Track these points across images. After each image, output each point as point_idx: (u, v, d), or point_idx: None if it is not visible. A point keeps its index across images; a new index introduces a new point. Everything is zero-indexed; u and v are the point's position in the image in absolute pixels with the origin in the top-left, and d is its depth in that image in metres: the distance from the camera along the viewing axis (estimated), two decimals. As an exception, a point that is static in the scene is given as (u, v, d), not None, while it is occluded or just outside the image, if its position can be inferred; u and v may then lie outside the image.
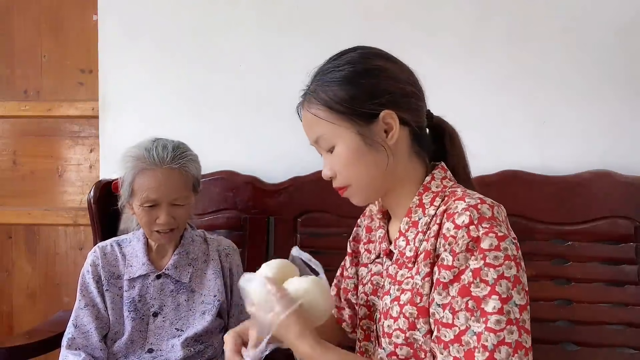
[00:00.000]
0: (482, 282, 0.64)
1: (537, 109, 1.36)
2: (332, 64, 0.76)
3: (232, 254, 1.18)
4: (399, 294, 0.72)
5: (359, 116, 0.72)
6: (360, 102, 0.72)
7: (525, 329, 0.64)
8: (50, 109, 1.67)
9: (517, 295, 0.64)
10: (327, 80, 0.74)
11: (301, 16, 1.44)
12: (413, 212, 0.74)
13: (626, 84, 1.34)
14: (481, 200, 0.68)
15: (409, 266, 0.72)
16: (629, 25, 1.33)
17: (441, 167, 0.77)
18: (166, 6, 1.50)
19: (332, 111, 0.73)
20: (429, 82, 1.52)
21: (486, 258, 0.64)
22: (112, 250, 1.13)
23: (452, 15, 1.39)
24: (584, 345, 1.23)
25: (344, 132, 0.73)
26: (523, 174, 1.29)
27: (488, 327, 0.62)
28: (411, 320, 0.70)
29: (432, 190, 0.74)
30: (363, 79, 0.73)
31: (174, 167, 1.04)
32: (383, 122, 0.73)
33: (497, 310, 0.62)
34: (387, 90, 0.73)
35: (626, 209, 1.23)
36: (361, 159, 0.73)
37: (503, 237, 0.65)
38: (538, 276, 1.26)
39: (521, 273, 0.66)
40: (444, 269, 0.66)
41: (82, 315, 1.08)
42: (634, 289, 1.22)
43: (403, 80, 0.75)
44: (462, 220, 0.66)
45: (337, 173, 0.76)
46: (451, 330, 0.65)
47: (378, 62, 0.75)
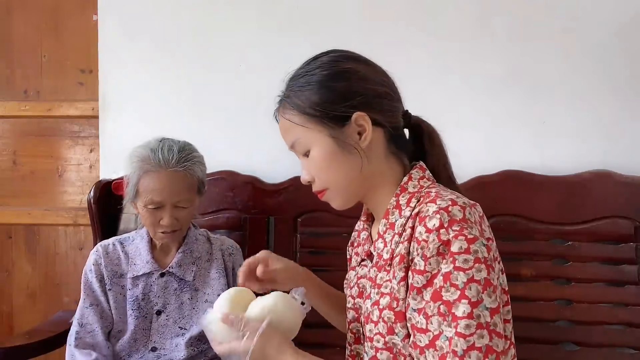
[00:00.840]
0: (452, 287, 0.63)
1: (537, 109, 1.36)
2: (305, 68, 0.76)
3: (235, 254, 1.18)
4: (378, 298, 0.72)
5: (332, 119, 0.73)
6: (332, 105, 0.72)
7: (497, 333, 0.63)
8: (50, 109, 1.67)
9: (487, 299, 0.63)
10: (300, 85, 0.75)
11: (301, 16, 1.44)
12: (390, 214, 0.74)
13: (626, 84, 1.34)
14: (452, 202, 0.67)
15: (386, 269, 0.72)
16: (629, 26, 1.33)
17: (419, 166, 0.77)
18: (166, 6, 1.49)
19: (306, 116, 0.74)
20: (428, 83, 1.52)
21: (456, 262, 0.63)
22: (115, 248, 1.13)
23: (452, 15, 1.39)
24: (584, 346, 1.23)
25: (317, 136, 0.74)
26: (523, 174, 1.29)
27: (458, 332, 0.62)
28: (389, 324, 0.70)
29: (409, 190, 0.74)
30: (334, 82, 0.73)
31: (179, 169, 1.04)
32: (356, 124, 0.73)
33: (466, 314, 0.62)
34: (358, 92, 0.73)
35: (626, 209, 1.23)
36: (336, 162, 0.74)
37: (473, 239, 0.64)
38: (538, 276, 1.26)
39: (493, 275, 0.64)
40: (417, 274, 0.66)
41: (87, 314, 1.08)
42: (634, 289, 1.22)
43: (375, 82, 0.75)
44: (432, 223, 0.65)
45: (314, 177, 0.77)
46: (425, 336, 0.65)
47: (349, 65, 0.75)
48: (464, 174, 1.31)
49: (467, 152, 1.37)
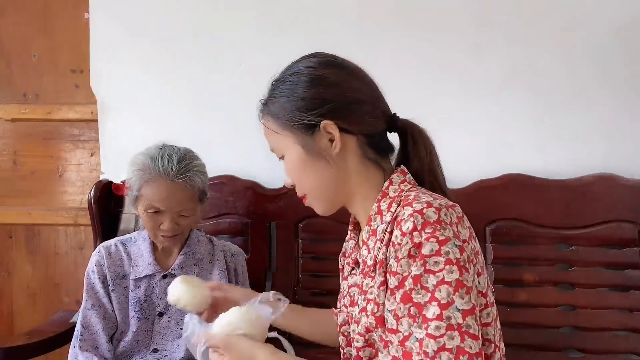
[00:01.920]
0: (423, 289, 0.63)
1: (538, 112, 1.36)
2: (282, 75, 0.77)
3: (237, 254, 1.18)
4: (365, 304, 0.72)
5: (301, 127, 0.73)
6: (301, 113, 0.73)
7: (471, 334, 0.62)
8: (49, 112, 1.66)
9: (459, 300, 0.62)
10: (276, 92, 0.76)
11: (301, 17, 1.43)
12: (372, 220, 0.74)
13: (628, 86, 1.33)
14: (428, 204, 0.66)
15: (371, 275, 0.72)
16: (629, 26, 1.32)
17: (400, 170, 0.76)
18: (161, 4, 1.47)
19: (279, 123, 0.75)
20: (428, 85, 1.51)
21: (426, 264, 0.63)
22: (117, 249, 1.13)
23: (451, 16, 1.38)
24: (588, 352, 1.22)
25: (289, 143, 0.75)
26: (525, 178, 1.28)
27: (428, 333, 0.62)
28: (371, 329, 0.71)
29: (390, 195, 0.74)
30: (304, 90, 0.73)
31: (179, 180, 1.03)
32: (325, 132, 0.73)
33: (436, 316, 0.62)
34: (327, 100, 0.73)
35: (630, 212, 1.23)
36: (306, 169, 0.75)
37: (445, 240, 0.64)
38: (541, 281, 1.25)
39: (466, 276, 0.63)
40: (392, 276, 0.67)
41: (90, 316, 1.08)
42: (638, 294, 1.21)
43: (348, 89, 0.74)
44: (407, 226, 0.65)
45: (294, 182, 0.78)
46: (396, 336, 0.66)
47: (321, 72, 0.74)
48: (465, 178, 1.30)
49: (468, 156, 1.37)
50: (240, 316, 0.75)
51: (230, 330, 0.73)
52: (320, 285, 1.35)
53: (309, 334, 0.95)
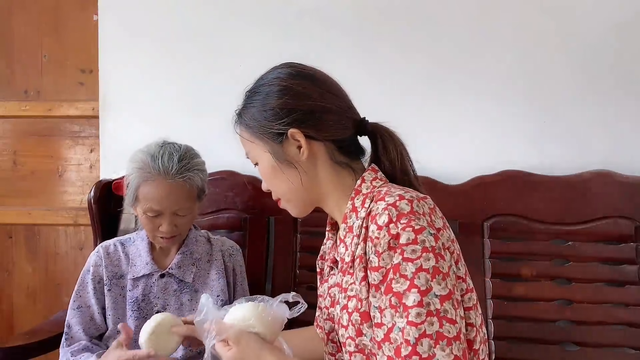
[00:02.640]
0: (402, 277, 0.65)
1: (537, 109, 1.36)
2: (253, 86, 0.82)
3: (235, 254, 1.18)
4: (346, 302, 0.73)
5: (270, 136, 0.77)
6: (269, 122, 0.76)
7: (448, 319, 0.64)
8: (50, 109, 1.67)
9: (437, 286, 0.64)
10: (248, 102, 0.81)
11: (300, 17, 1.44)
12: (348, 217, 0.76)
13: (626, 83, 1.34)
14: (400, 197, 0.69)
15: (350, 272, 0.73)
16: (629, 25, 1.33)
17: (371, 169, 0.79)
18: (166, 6, 1.50)
19: (250, 132, 0.79)
20: (428, 84, 1.52)
21: (404, 253, 0.65)
22: (115, 249, 1.13)
23: (451, 16, 1.39)
24: (584, 346, 1.23)
25: (260, 151, 0.79)
26: (523, 174, 1.29)
27: (409, 321, 0.63)
28: (357, 326, 0.71)
29: (363, 192, 0.76)
30: (272, 101, 0.77)
31: (179, 180, 1.03)
32: (293, 140, 0.76)
33: (416, 303, 0.63)
34: (292, 110, 0.76)
35: (627, 209, 1.23)
36: (278, 175, 0.78)
37: (420, 229, 0.66)
38: (538, 276, 1.26)
39: (442, 263, 0.66)
40: (373, 271, 0.68)
41: (72, 315, 1.09)
42: (634, 289, 1.22)
43: (313, 98, 0.76)
44: (382, 220, 0.67)
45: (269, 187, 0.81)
46: (381, 330, 0.67)
47: (286, 83, 0.77)
48: (464, 174, 1.31)
49: (467, 153, 1.38)
50: (256, 314, 0.76)
51: (245, 326, 0.74)
52: (318, 280, 1.36)
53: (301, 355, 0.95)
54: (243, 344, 0.73)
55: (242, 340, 0.73)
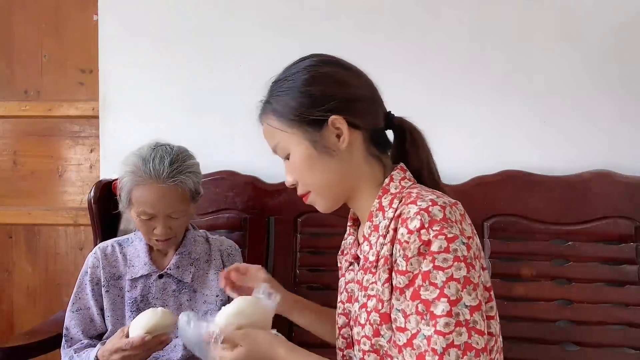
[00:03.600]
0: (431, 285, 0.64)
1: (537, 109, 1.36)
2: (285, 74, 0.78)
3: (234, 254, 1.18)
4: (365, 300, 0.73)
5: (309, 124, 0.74)
6: (309, 109, 0.74)
7: (477, 330, 0.63)
8: (50, 109, 1.67)
9: (467, 297, 0.63)
10: (279, 90, 0.77)
11: (300, 16, 1.44)
12: (374, 216, 0.75)
13: (626, 83, 1.34)
14: (432, 202, 0.67)
15: (372, 271, 0.73)
16: (629, 26, 1.33)
17: (400, 168, 0.78)
18: (166, 6, 1.50)
19: (285, 120, 0.75)
20: (428, 83, 1.52)
21: (435, 261, 0.64)
22: (113, 250, 1.13)
23: (451, 16, 1.39)
24: (584, 346, 1.23)
25: (296, 140, 0.75)
26: (523, 174, 1.29)
27: (437, 330, 0.62)
28: (375, 327, 0.71)
29: (391, 192, 0.75)
30: (310, 87, 0.74)
31: (170, 183, 1.02)
32: (333, 127, 0.74)
33: (446, 312, 0.62)
34: (334, 96, 0.74)
35: (627, 209, 1.23)
36: (315, 165, 0.75)
37: (453, 238, 0.65)
38: (538, 276, 1.26)
39: (472, 273, 0.65)
40: (400, 275, 0.67)
41: (71, 319, 1.09)
42: (634, 289, 1.22)
43: (352, 86, 0.76)
44: (414, 225, 0.66)
45: (297, 180, 0.78)
46: (404, 334, 0.66)
47: (325, 69, 0.76)
48: (464, 174, 1.31)
49: (467, 152, 1.38)
50: (251, 307, 0.76)
51: (244, 322, 0.73)
52: (318, 279, 1.36)
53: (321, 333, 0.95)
54: (252, 338, 0.72)
55: (251, 335, 0.72)
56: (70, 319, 1.09)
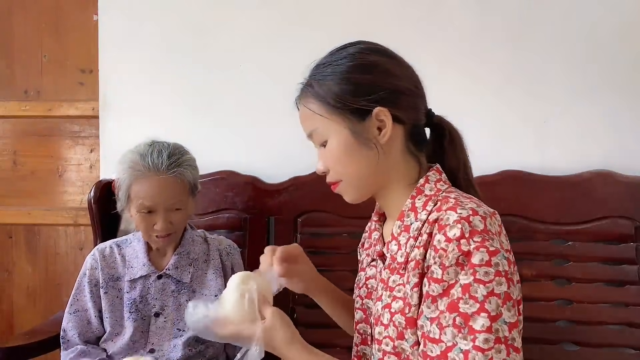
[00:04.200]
0: (472, 299, 0.62)
1: (537, 108, 1.36)
2: (330, 58, 0.75)
3: (232, 253, 1.18)
4: (390, 301, 0.71)
5: (352, 112, 0.72)
6: (353, 98, 0.71)
7: (515, 347, 0.62)
8: (50, 109, 1.67)
9: (507, 313, 0.62)
10: (323, 74, 0.74)
11: (301, 16, 1.44)
12: (405, 216, 0.73)
13: (626, 83, 1.34)
14: (473, 212, 0.65)
15: (400, 272, 0.71)
16: (630, 26, 1.33)
17: (436, 169, 0.76)
18: (166, 6, 1.49)
19: (326, 106, 0.73)
20: (429, 82, 1.52)
21: (476, 274, 0.62)
22: (112, 252, 1.13)
23: (452, 15, 1.39)
24: (584, 345, 1.23)
25: (336, 128, 0.73)
26: (523, 174, 1.29)
27: (476, 345, 0.61)
28: (400, 329, 0.69)
29: (426, 193, 0.73)
30: (357, 75, 0.72)
31: (169, 175, 1.03)
32: (376, 119, 0.72)
33: (485, 328, 0.61)
34: (380, 87, 0.72)
35: (626, 209, 1.23)
36: (352, 155, 0.73)
37: (495, 252, 0.63)
38: (538, 276, 1.26)
39: (512, 289, 0.63)
40: (434, 282, 0.65)
41: (68, 320, 1.09)
42: (634, 289, 1.22)
43: (399, 77, 0.74)
44: (453, 233, 0.64)
45: (329, 168, 0.76)
46: (438, 346, 0.64)
47: (373, 58, 0.74)
48: (464, 174, 1.31)
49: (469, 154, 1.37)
50: (262, 282, 0.76)
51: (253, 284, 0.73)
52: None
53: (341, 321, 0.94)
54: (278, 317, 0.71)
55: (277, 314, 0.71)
56: (67, 320, 1.09)
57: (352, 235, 1.31)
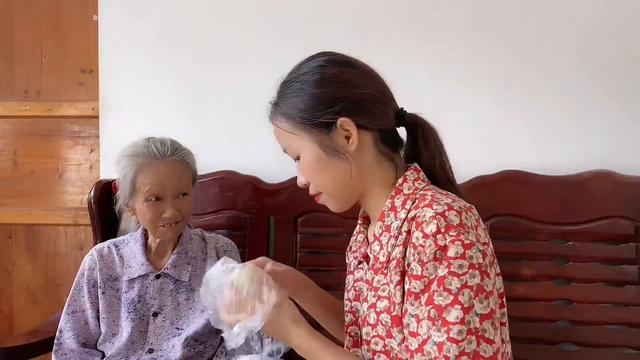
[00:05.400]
0: (445, 291, 0.63)
1: (537, 109, 1.36)
2: (292, 75, 0.77)
3: (230, 250, 1.18)
4: (375, 301, 0.72)
5: (318, 126, 0.73)
6: (316, 112, 0.73)
7: (486, 338, 0.63)
8: (50, 109, 1.67)
9: (478, 305, 0.63)
10: (287, 92, 0.76)
11: (300, 17, 1.44)
12: (386, 216, 0.74)
13: (626, 83, 1.34)
14: (448, 207, 0.67)
15: (383, 272, 0.72)
16: (630, 25, 1.33)
17: (414, 168, 0.77)
18: (166, 6, 1.50)
19: (293, 122, 0.75)
20: (428, 82, 1.52)
21: (451, 266, 0.64)
22: (109, 252, 1.13)
23: (451, 15, 1.39)
24: (584, 346, 1.23)
25: (306, 143, 0.75)
26: (523, 174, 1.29)
27: (450, 337, 0.62)
28: (387, 328, 0.70)
29: (404, 192, 0.74)
30: (317, 89, 0.74)
31: (176, 159, 1.05)
32: (342, 129, 0.73)
33: (459, 320, 0.62)
34: (341, 98, 0.73)
35: (626, 209, 1.23)
36: (324, 167, 0.75)
37: (470, 244, 0.64)
38: (538, 276, 1.26)
39: (486, 281, 0.64)
40: (414, 279, 0.66)
41: (66, 321, 1.09)
42: (634, 289, 1.22)
43: (359, 86, 0.75)
44: (430, 229, 0.65)
45: (308, 181, 0.78)
46: (415, 339, 0.65)
47: (332, 70, 0.75)
48: (464, 174, 1.31)
49: (467, 152, 1.37)
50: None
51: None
52: (318, 279, 1.34)
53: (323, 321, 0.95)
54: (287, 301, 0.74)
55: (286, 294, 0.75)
56: (65, 321, 1.09)
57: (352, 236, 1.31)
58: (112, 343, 1.08)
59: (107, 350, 1.08)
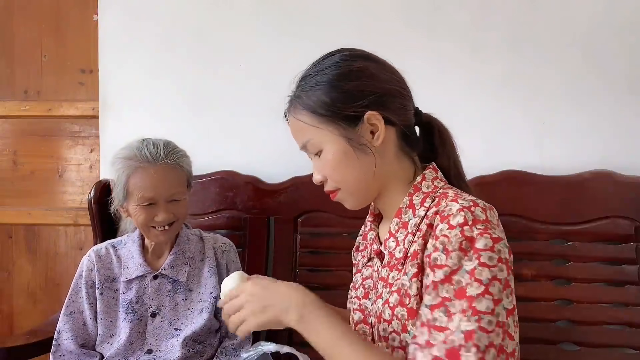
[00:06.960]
0: (477, 282, 0.63)
1: (537, 109, 1.36)
2: (315, 68, 0.76)
3: (228, 250, 1.18)
4: (388, 297, 0.72)
5: (344, 119, 0.73)
6: (344, 105, 0.72)
7: (509, 334, 0.63)
8: (50, 109, 1.67)
9: (506, 299, 0.63)
10: (310, 85, 0.74)
11: (301, 16, 1.44)
12: (403, 213, 0.74)
13: (626, 83, 1.34)
14: (474, 203, 0.67)
15: (398, 268, 0.72)
16: (630, 25, 1.33)
17: (432, 167, 0.77)
18: (166, 6, 1.50)
19: (317, 116, 0.73)
20: (429, 83, 1.52)
21: (480, 257, 0.63)
22: (107, 253, 1.13)
23: (451, 15, 1.39)
24: (584, 345, 1.23)
25: (329, 136, 0.73)
26: (523, 174, 1.29)
27: (481, 326, 0.61)
28: (403, 322, 0.69)
29: (423, 190, 0.74)
30: (344, 82, 0.73)
31: (169, 163, 1.04)
32: (368, 124, 0.73)
33: (490, 310, 0.61)
34: (369, 92, 0.72)
35: (626, 209, 1.23)
36: (349, 161, 0.73)
37: (497, 239, 0.65)
38: (538, 276, 1.26)
39: (511, 278, 0.65)
40: (437, 269, 0.65)
41: (64, 322, 1.09)
42: (634, 289, 1.22)
43: (386, 80, 0.75)
44: (456, 220, 0.65)
45: (326, 177, 0.76)
46: (443, 334, 0.62)
47: (359, 64, 0.74)
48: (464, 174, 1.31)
49: (467, 152, 1.36)
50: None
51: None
52: (318, 279, 1.36)
53: None
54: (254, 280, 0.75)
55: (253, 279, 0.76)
56: (63, 322, 1.09)
57: (352, 235, 1.30)
58: (111, 344, 1.08)
59: (105, 352, 1.08)
